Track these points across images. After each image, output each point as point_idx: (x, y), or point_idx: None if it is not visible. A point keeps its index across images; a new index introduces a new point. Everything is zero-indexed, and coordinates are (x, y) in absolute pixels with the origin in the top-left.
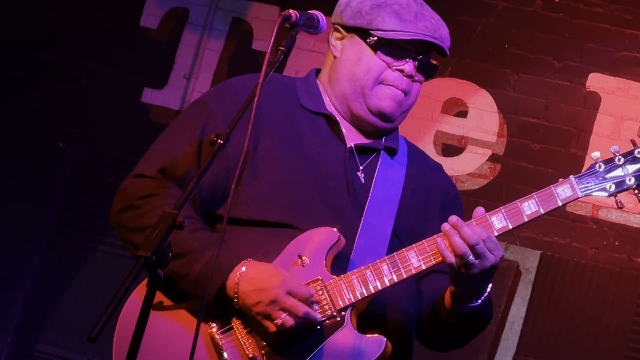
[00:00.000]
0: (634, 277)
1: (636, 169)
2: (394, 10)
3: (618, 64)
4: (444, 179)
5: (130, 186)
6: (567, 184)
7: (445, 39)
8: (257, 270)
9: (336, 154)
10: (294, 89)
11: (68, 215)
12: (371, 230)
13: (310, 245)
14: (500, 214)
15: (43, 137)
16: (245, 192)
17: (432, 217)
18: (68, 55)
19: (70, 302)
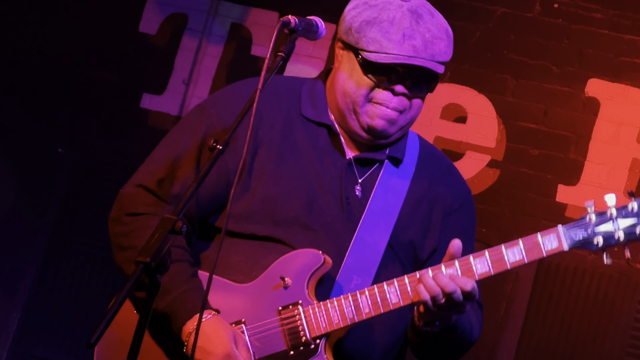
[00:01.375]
0: (633, 282)
1: (628, 224)
2: (381, 29)
3: (617, 70)
4: (453, 185)
5: (126, 196)
6: (554, 234)
7: (439, 54)
8: (214, 329)
9: (334, 167)
10: (297, 96)
11: (67, 220)
12: (363, 247)
13: (294, 267)
14: (483, 258)
15: (42, 142)
16: (237, 205)
17: (433, 228)
18: (67, 61)
19: (69, 307)
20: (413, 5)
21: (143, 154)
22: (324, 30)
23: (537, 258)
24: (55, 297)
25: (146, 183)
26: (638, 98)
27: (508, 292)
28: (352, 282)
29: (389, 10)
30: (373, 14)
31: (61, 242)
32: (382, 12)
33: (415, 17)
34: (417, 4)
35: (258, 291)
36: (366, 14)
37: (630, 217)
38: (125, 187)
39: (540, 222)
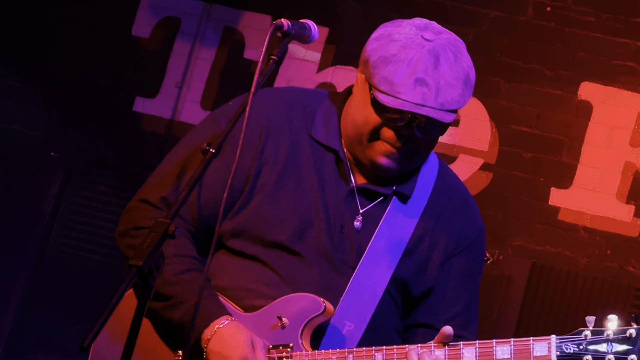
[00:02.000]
0: (625, 286)
1: (622, 350)
2: (395, 69)
3: (610, 73)
4: (463, 222)
5: (132, 210)
6: (545, 343)
7: (450, 102)
8: (231, 334)
9: (335, 194)
10: (312, 116)
11: (59, 224)
12: (360, 290)
13: (294, 309)
14: (473, 348)
15: (35, 145)
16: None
17: (431, 267)
18: (60, 64)
19: (62, 310)
20: (436, 47)
21: (136, 158)
22: (317, 34)
23: None
24: (48, 300)
25: (151, 198)
26: (631, 101)
27: (501, 296)
28: (345, 328)
29: (409, 49)
30: (392, 50)
31: (53, 246)
32: (402, 51)
33: (434, 60)
34: (441, 44)
35: (255, 323)
36: (385, 49)
37: (625, 343)
38: (132, 201)
39: (533, 225)
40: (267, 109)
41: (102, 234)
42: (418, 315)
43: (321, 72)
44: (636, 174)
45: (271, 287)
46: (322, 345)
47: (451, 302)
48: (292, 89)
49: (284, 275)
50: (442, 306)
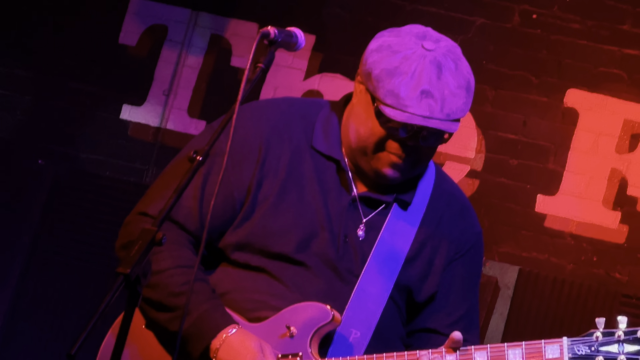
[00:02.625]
0: (612, 292)
1: (633, 350)
2: (400, 82)
3: (596, 80)
4: (462, 227)
5: (131, 224)
6: (557, 345)
7: (455, 112)
8: (240, 341)
9: (338, 203)
10: (311, 126)
11: (46, 231)
12: (364, 298)
13: (301, 318)
14: (484, 352)
15: (22, 153)
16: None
17: (434, 272)
18: (47, 72)
19: (49, 319)
20: (437, 56)
21: (123, 166)
22: (303, 42)
23: None
24: (35, 308)
25: (150, 211)
26: (617, 108)
27: (488, 302)
28: (351, 336)
29: (411, 60)
30: (394, 62)
31: (40, 253)
32: (404, 62)
33: (437, 70)
34: (442, 53)
35: (263, 334)
36: (387, 61)
37: (636, 344)
38: (131, 215)
39: (520, 232)
40: (266, 120)
41: (91, 242)
42: (422, 320)
43: (308, 80)
44: (622, 180)
45: (278, 298)
46: (329, 354)
47: (454, 306)
48: (290, 99)
49: (290, 286)
50: (446, 310)
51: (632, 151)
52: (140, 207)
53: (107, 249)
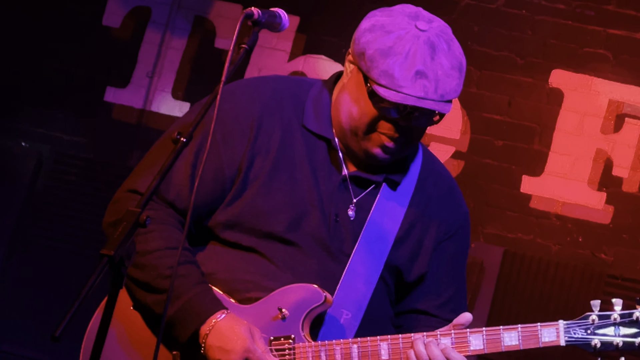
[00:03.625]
0: (597, 273)
1: (629, 333)
2: (394, 62)
3: (581, 61)
4: (450, 208)
5: (120, 201)
6: (554, 328)
7: (449, 93)
8: (229, 327)
9: (328, 182)
10: (302, 105)
11: (30, 214)
12: (355, 279)
13: (293, 300)
14: (480, 335)
15: (5, 136)
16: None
17: (424, 253)
18: (30, 54)
19: (33, 301)
20: (430, 36)
21: (107, 147)
22: (287, 22)
23: (532, 347)
24: (20, 292)
25: (139, 188)
26: (602, 89)
27: (474, 283)
28: (342, 317)
29: (405, 40)
30: (388, 42)
31: (24, 236)
32: (398, 42)
33: (431, 51)
34: (435, 33)
35: (254, 316)
36: (381, 41)
37: (632, 327)
38: (119, 192)
39: (505, 213)
40: (258, 98)
41: (74, 224)
42: (411, 301)
43: (292, 61)
44: (607, 161)
45: (269, 279)
46: (320, 335)
47: (443, 287)
48: (279, 77)
49: (281, 266)
50: (436, 291)
51: (617, 131)
52: (129, 184)
53: (91, 230)
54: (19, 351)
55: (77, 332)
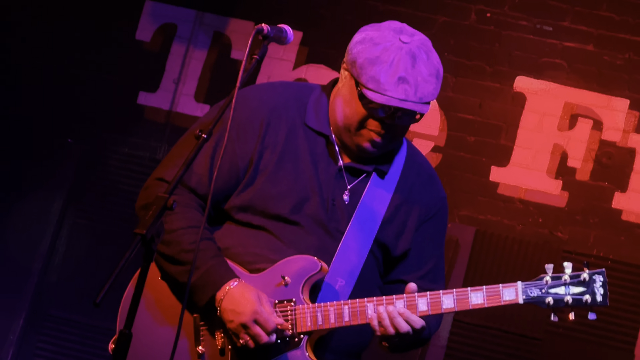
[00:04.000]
0: (555, 248)
1: (578, 291)
2: (380, 70)
3: (540, 69)
4: (430, 194)
5: (150, 188)
6: (513, 288)
7: (427, 96)
8: (241, 293)
9: (326, 172)
10: (304, 106)
11: (74, 200)
12: (348, 251)
13: (294, 269)
14: (451, 295)
15: (54, 134)
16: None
17: (408, 231)
18: (76, 64)
19: (77, 273)
20: (412, 48)
21: (139, 143)
22: (292, 36)
23: (495, 305)
24: (67, 264)
25: (166, 176)
26: (558, 92)
27: (450, 258)
28: (337, 284)
29: (390, 51)
30: (375, 52)
31: (70, 218)
32: (384, 53)
33: (412, 60)
34: (416, 45)
35: (262, 283)
36: (370, 51)
37: (581, 286)
38: (150, 179)
39: (476, 198)
40: (267, 101)
41: (112, 208)
42: (397, 273)
43: (296, 69)
44: (563, 154)
45: (275, 253)
46: (319, 299)
47: (423, 261)
48: (285, 83)
49: (286, 242)
50: (417, 265)
51: (571, 129)
52: (157, 173)
53: (127, 214)
54: (65, 315)
55: (114, 299)
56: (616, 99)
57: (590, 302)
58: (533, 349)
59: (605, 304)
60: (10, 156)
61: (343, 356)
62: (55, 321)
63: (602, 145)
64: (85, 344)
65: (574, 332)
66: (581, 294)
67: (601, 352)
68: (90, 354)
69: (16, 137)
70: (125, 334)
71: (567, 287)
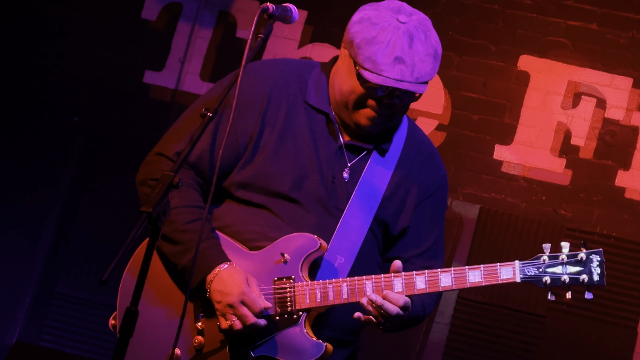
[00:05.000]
0: (558, 226)
1: (575, 270)
2: (377, 50)
3: (544, 47)
4: (430, 171)
5: (151, 163)
6: (510, 267)
7: (424, 76)
8: (229, 275)
9: (327, 150)
10: (305, 83)
11: (81, 177)
12: (348, 229)
13: (293, 246)
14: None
15: (60, 112)
16: (239, 174)
17: (407, 209)
18: (81, 43)
19: (83, 251)
20: (410, 28)
21: (146, 121)
22: (297, 15)
23: (492, 283)
24: (73, 242)
25: (167, 152)
26: (562, 71)
27: (454, 235)
28: (337, 262)
29: (387, 31)
30: (373, 32)
31: (77, 196)
32: (381, 33)
33: (409, 40)
34: (414, 25)
35: (262, 260)
36: (367, 31)
37: (578, 265)
38: (150, 155)
39: (480, 176)
40: (268, 78)
41: (118, 186)
42: (396, 250)
43: (301, 48)
44: (567, 132)
45: (275, 230)
46: (318, 276)
47: (423, 238)
48: (288, 60)
49: (286, 220)
50: (416, 243)
51: (575, 107)
52: (158, 148)
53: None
54: (71, 292)
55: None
56: (620, 78)
57: (587, 282)
58: (536, 325)
59: (602, 284)
60: (18, 135)
61: (342, 333)
62: (61, 299)
63: (605, 124)
64: (92, 321)
65: (577, 309)
66: (578, 274)
67: (604, 329)
68: (96, 331)
69: (24, 116)
70: (131, 311)
71: (565, 267)
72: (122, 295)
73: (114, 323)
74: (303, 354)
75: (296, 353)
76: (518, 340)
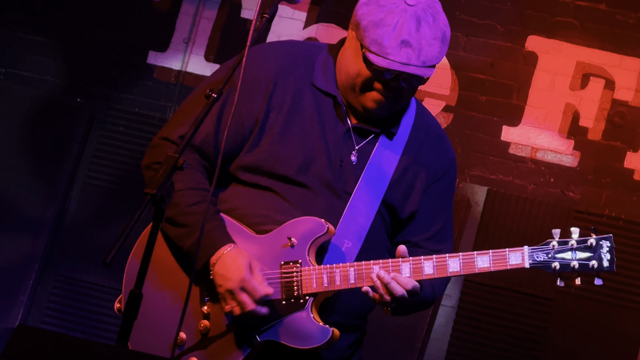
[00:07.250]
0: (566, 208)
1: (584, 257)
2: (384, 33)
3: (552, 28)
4: (439, 154)
5: (156, 147)
6: (519, 252)
7: (431, 59)
8: (232, 258)
9: (334, 133)
10: (312, 66)
11: (84, 159)
12: (355, 213)
13: (301, 230)
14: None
15: (63, 93)
16: (246, 157)
17: (415, 193)
18: (85, 23)
19: (87, 233)
20: (417, 11)
21: (150, 103)
22: None
23: (501, 269)
24: (76, 225)
25: (171, 136)
26: (570, 51)
27: (461, 218)
28: (344, 246)
29: (395, 13)
30: (380, 15)
31: (80, 178)
32: (388, 15)
33: (416, 23)
34: (422, 8)
35: (268, 244)
36: (374, 14)
37: (587, 251)
38: (155, 139)
39: (488, 158)
40: (275, 60)
41: (122, 168)
42: (404, 234)
43: (307, 29)
44: (575, 113)
45: (282, 214)
46: (325, 261)
47: (431, 222)
48: (294, 42)
49: (293, 204)
50: (425, 226)
51: (583, 88)
52: (163, 132)
53: (136, 173)
54: (75, 275)
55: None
56: (628, 58)
57: (597, 268)
58: (544, 309)
59: (612, 270)
60: (20, 116)
61: (349, 318)
62: (65, 281)
63: (614, 105)
64: (95, 304)
65: (585, 292)
66: (588, 260)
67: (612, 312)
68: (100, 314)
69: (26, 96)
70: (135, 294)
71: (574, 252)
72: (127, 279)
73: (119, 306)
74: (310, 339)
75: (303, 338)
76: (526, 324)
